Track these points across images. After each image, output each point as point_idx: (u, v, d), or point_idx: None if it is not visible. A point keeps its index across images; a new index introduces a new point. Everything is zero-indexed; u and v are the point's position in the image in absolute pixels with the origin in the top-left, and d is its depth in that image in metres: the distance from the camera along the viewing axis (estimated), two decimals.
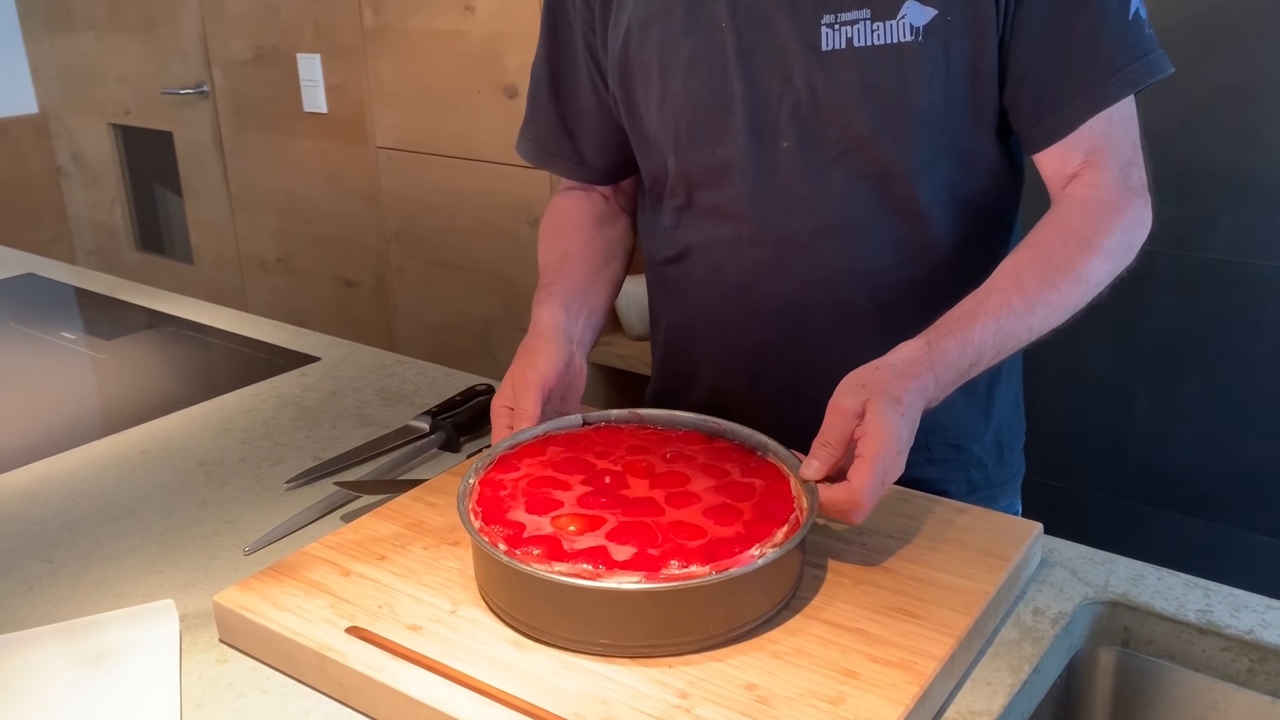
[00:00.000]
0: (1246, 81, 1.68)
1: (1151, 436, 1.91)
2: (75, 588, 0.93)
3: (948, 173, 1.01)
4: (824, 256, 1.03)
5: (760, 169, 1.02)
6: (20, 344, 1.54)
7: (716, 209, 1.07)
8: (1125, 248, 0.97)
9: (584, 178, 1.20)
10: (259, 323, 1.60)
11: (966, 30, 0.95)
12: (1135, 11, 0.95)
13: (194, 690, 0.80)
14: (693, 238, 1.10)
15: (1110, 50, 0.95)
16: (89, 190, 3.48)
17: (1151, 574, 0.90)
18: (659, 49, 1.04)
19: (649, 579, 0.76)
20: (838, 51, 0.96)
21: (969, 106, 0.99)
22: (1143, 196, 0.99)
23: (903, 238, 1.03)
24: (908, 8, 0.94)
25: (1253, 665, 0.82)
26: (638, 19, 1.05)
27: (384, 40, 2.45)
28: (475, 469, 0.90)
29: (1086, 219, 0.95)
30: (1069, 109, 0.96)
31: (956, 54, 0.96)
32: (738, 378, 1.12)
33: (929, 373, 0.86)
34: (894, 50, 0.95)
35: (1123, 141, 0.98)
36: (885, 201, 1.01)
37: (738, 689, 0.73)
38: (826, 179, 1.01)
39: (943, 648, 0.75)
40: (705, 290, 1.11)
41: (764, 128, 1.01)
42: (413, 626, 0.80)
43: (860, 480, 0.80)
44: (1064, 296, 0.93)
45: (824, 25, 0.96)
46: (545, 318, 1.04)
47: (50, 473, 1.15)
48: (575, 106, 1.16)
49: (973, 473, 1.13)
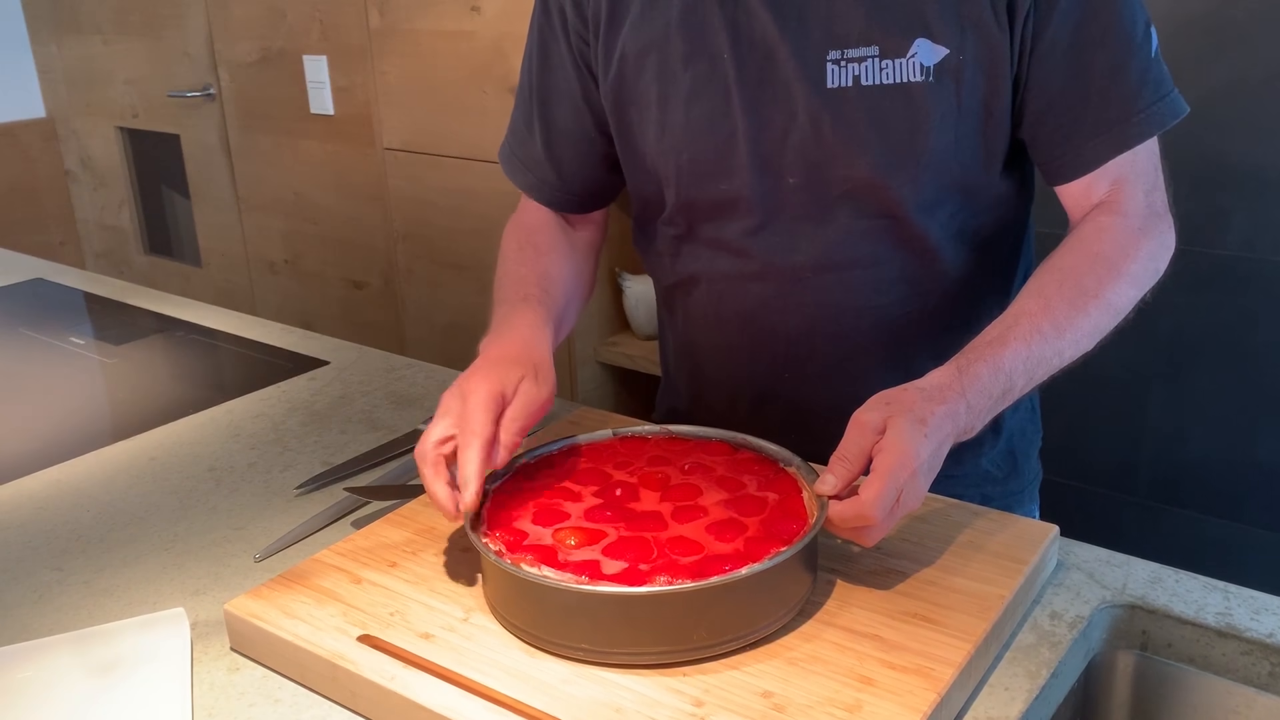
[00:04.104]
0: (1260, 77, 1.67)
1: (1166, 434, 1.90)
2: (85, 596, 0.93)
3: (955, 208, 0.99)
4: (829, 291, 1.01)
5: (766, 205, 1.00)
6: (29, 349, 1.54)
7: (718, 241, 1.04)
8: (1152, 272, 0.95)
9: (571, 207, 1.16)
10: (267, 326, 1.60)
11: (980, 69, 0.92)
12: (1156, 49, 0.93)
13: (205, 700, 0.79)
14: (695, 268, 1.08)
15: (1134, 88, 0.92)
16: (97, 193, 3.49)
17: (1170, 576, 0.89)
18: (658, 78, 1.00)
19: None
20: (844, 89, 0.93)
21: (980, 145, 0.96)
22: (1166, 220, 0.97)
23: (909, 272, 1.01)
24: (918, 45, 0.91)
25: (1274, 669, 0.82)
26: (635, 45, 1.01)
27: (390, 41, 2.45)
28: (493, 476, 0.90)
29: (1114, 245, 0.94)
30: (1091, 147, 0.94)
31: (969, 94, 0.93)
32: (744, 403, 1.11)
33: (960, 398, 0.83)
34: (903, 90, 0.92)
35: (1146, 168, 0.96)
36: (892, 238, 0.99)
37: (753, 696, 0.72)
38: (832, 216, 0.99)
39: (960, 653, 0.75)
40: (709, 318, 1.09)
41: (769, 163, 0.98)
42: (425, 634, 0.79)
43: (869, 494, 0.77)
44: (1094, 322, 0.91)
45: (829, 61, 0.93)
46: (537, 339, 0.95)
47: (60, 479, 1.15)
48: (563, 134, 1.11)
49: (987, 488, 1.11)
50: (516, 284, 1.04)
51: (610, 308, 2.40)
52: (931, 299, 1.02)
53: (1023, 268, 1.09)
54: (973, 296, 1.04)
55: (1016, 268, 1.08)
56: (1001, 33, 0.91)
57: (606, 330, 2.40)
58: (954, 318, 1.03)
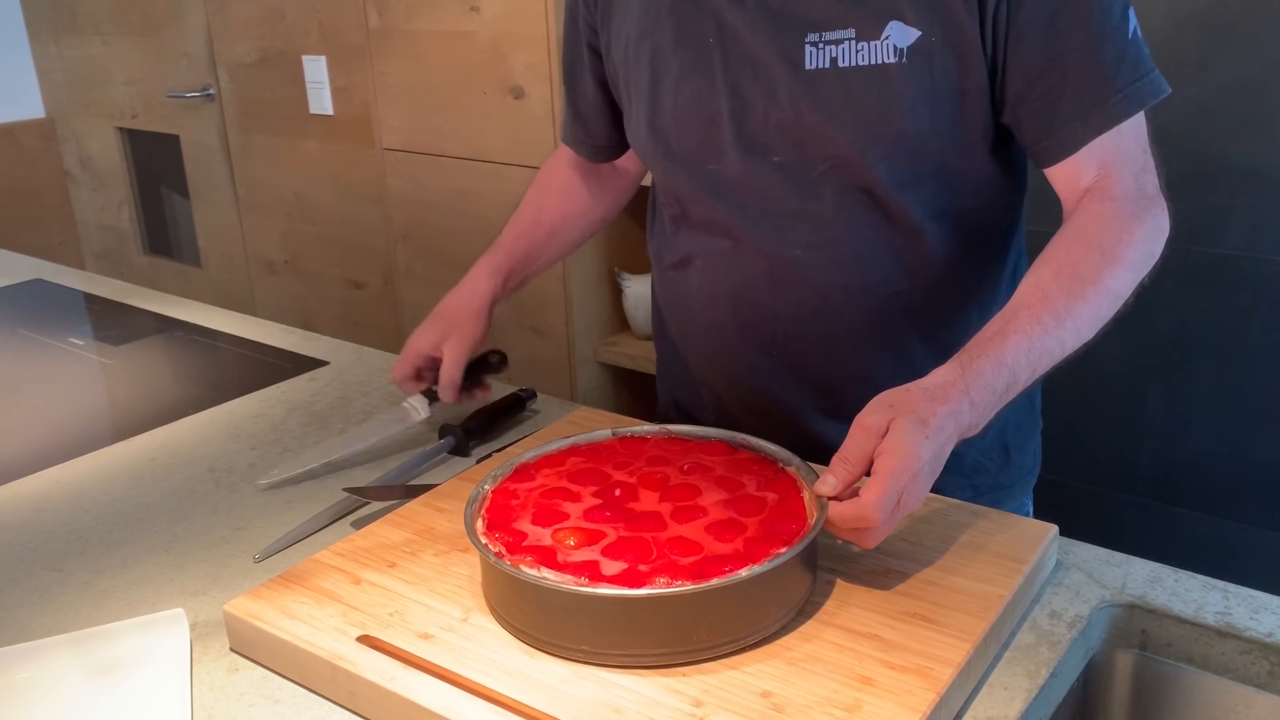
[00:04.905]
0: (1258, 75, 1.67)
1: (1165, 433, 1.89)
2: (85, 597, 0.93)
3: (937, 190, 1.00)
4: (818, 270, 1.03)
5: (752, 184, 1.02)
6: (29, 350, 1.54)
7: (710, 221, 1.07)
8: (1148, 255, 0.95)
9: (604, 158, 1.27)
10: (267, 327, 1.60)
11: (952, 51, 0.94)
12: (1134, 29, 0.93)
13: (205, 700, 0.79)
14: (692, 246, 1.11)
15: (1112, 68, 0.93)
16: (97, 194, 3.48)
17: (1169, 575, 0.89)
18: (651, 62, 1.05)
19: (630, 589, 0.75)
20: (821, 71, 0.96)
21: (957, 127, 0.97)
22: (1159, 202, 0.97)
23: (896, 252, 1.02)
24: (891, 28, 0.93)
25: (1273, 668, 0.82)
26: (634, 30, 1.06)
27: (389, 41, 2.45)
28: (492, 476, 0.90)
29: (1108, 231, 0.94)
30: (1073, 128, 0.94)
31: (942, 76, 0.94)
32: (739, 387, 1.11)
33: (963, 396, 0.83)
34: (878, 71, 0.94)
35: (1134, 150, 0.96)
36: (877, 216, 1.00)
37: (752, 697, 0.72)
38: (818, 194, 1.00)
39: (959, 653, 0.75)
40: (705, 297, 1.11)
41: (754, 143, 1.00)
42: (424, 635, 0.79)
43: (870, 496, 0.77)
44: (1093, 310, 0.91)
45: (807, 44, 0.95)
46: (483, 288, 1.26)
47: (59, 480, 1.15)
48: (586, 98, 1.22)
49: (977, 479, 1.11)
50: (509, 225, 1.29)
51: (610, 308, 2.40)
52: (919, 278, 1.03)
53: (1014, 255, 1.09)
54: (961, 279, 1.04)
55: (1007, 254, 1.08)
56: (970, 16, 0.93)
57: (606, 330, 2.40)
58: (941, 299, 1.04)
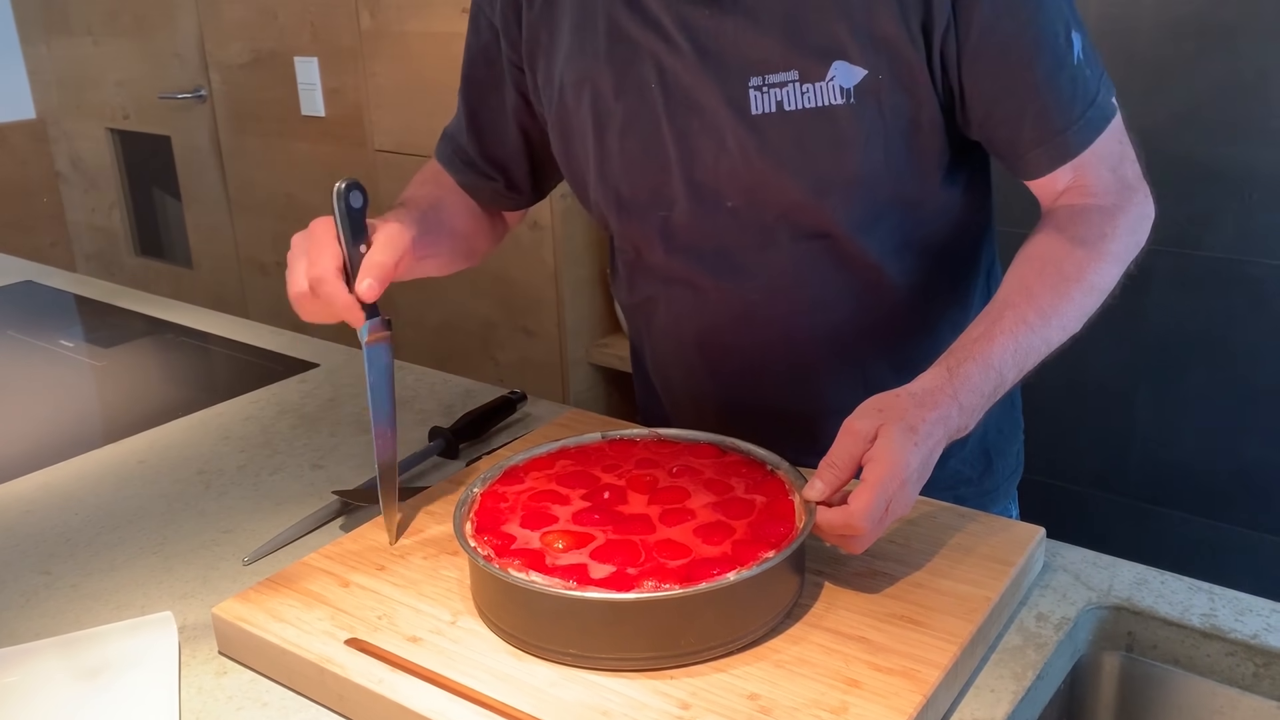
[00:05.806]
0: (1247, 79, 1.68)
1: (1153, 435, 1.90)
2: (73, 599, 0.93)
3: (895, 223, 0.99)
4: (779, 312, 1.02)
5: (706, 231, 1.00)
6: (18, 352, 1.54)
7: (668, 268, 1.05)
8: (1133, 246, 0.95)
9: (508, 206, 1.18)
10: (257, 329, 1.60)
11: (901, 87, 0.92)
12: (1078, 53, 0.92)
13: (193, 703, 0.79)
14: (651, 290, 1.09)
15: (1066, 100, 0.91)
16: (88, 195, 3.48)
17: (1155, 578, 0.89)
18: (592, 110, 1.00)
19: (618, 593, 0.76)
20: (768, 115, 0.93)
21: (912, 160, 0.96)
22: (1141, 189, 0.97)
23: (858, 289, 1.01)
24: (836, 68, 0.91)
25: (1258, 670, 0.82)
26: (571, 76, 1.01)
27: (381, 43, 2.44)
28: (481, 479, 0.90)
29: (1090, 225, 0.93)
30: (1034, 156, 0.94)
31: (892, 112, 0.92)
32: (709, 421, 1.10)
33: (951, 401, 0.83)
34: (826, 114, 0.92)
35: (1109, 148, 0.95)
36: (833, 258, 0.99)
37: (740, 699, 0.72)
38: (774, 240, 0.99)
39: (946, 655, 0.75)
40: (670, 340, 1.11)
41: (704, 191, 0.98)
42: (412, 638, 0.79)
43: (858, 505, 0.77)
44: (1078, 306, 0.91)
45: (751, 88, 0.93)
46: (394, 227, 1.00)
47: (48, 483, 1.15)
48: (505, 144, 1.13)
49: (960, 489, 1.11)
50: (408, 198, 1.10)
51: (601, 310, 2.40)
52: (883, 310, 1.02)
53: (984, 268, 1.09)
54: (926, 302, 1.04)
55: (976, 268, 1.08)
56: (917, 51, 0.90)
57: (598, 332, 2.41)
58: (910, 325, 1.04)
